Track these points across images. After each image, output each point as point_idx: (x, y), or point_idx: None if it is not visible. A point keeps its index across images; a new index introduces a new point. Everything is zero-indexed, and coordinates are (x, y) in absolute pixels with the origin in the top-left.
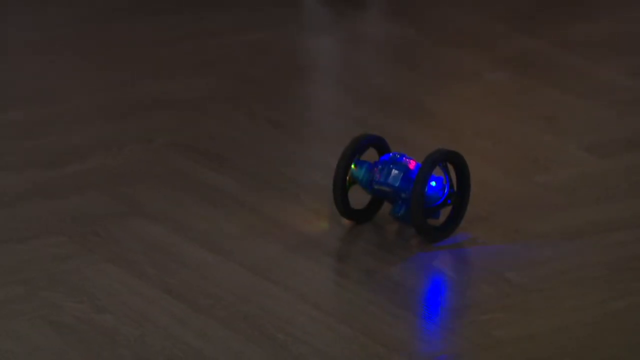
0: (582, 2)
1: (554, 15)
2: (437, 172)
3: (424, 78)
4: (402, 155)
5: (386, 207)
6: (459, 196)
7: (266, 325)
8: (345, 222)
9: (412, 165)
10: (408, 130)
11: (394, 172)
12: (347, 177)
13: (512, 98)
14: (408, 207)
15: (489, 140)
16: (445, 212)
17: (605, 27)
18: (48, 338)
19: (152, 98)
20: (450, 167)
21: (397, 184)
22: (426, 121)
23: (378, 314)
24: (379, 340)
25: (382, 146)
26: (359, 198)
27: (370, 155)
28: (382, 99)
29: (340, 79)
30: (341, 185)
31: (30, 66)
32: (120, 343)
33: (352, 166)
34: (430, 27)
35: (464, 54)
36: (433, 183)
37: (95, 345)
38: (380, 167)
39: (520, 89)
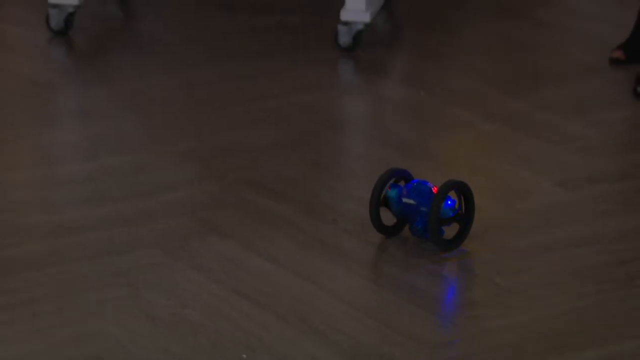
0: (550, 71)
1: (529, 81)
2: (453, 195)
3: (431, 128)
4: (426, 181)
5: (407, 230)
6: (466, 217)
7: (311, 319)
8: (378, 235)
9: (434, 189)
10: (419, 168)
11: (419, 190)
12: (381, 198)
13: (499, 144)
14: (426, 222)
15: (481, 175)
16: (452, 230)
17: (568, 90)
18: (145, 327)
19: (225, 145)
20: (461, 194)
21: (420, 199)
22: (433, 161)
23: (398, 310)
24: (398, 330)
25: (407, 177)
26: (387, 218)
27: None
28: (400, 145)
29: (367, 130)
30: (376, 205)
31: (132, 122)
32: (200, 333)
33: (387, 188)
34: (437, 90)
35: (462, 110)
36: (449, 201)
37: (181, 334)
38: (408, 188)
39: (505, 137)
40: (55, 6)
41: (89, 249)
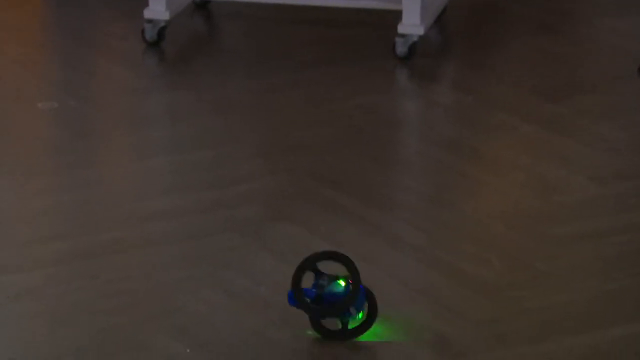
0: (584, 80)
1: (565, 89)
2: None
3: (477, 129)
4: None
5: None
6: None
7: None
8: None
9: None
10: (467, 165)
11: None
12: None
13: (537, 144)
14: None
15: (521, 171)
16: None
17: (600, 97)
18: (223, 302)
19: (295, 142)
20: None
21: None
22: (478, 159)
23: (447, 290)
24: (448, 308)
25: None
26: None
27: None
28: (448, 143)
29: (420, 130)
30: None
31: (213, 122)
32: (271, 308)
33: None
34: (482, 95)
35: (504, 114)
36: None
37: (255, 309)
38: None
39: (543, 138)
40: (149, 21)
41: (174, 234)
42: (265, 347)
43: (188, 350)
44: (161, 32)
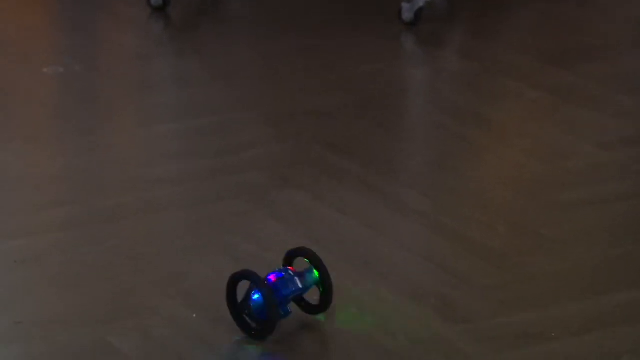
0: (592, 46)
1: (573, 55)
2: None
3: (483, 96)
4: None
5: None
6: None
7: (375, 262)
8: None
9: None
10: (473, 132)
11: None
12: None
13: (545, 110)
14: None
15: (528, 138)
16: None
17: (608, 63)
18: (229, 266)
19: (301, 108)
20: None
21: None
22: (484, 125)
23: (453, 256)
24: (454, 274)
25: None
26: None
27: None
28: (455, 110)
29: (426, 96)
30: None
31: (219, 88)
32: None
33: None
34: (489, 62)
35: (512, 80)
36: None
37: (260, 274)
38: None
39: (551, 104)
40: None
41: (180, 200)
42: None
43: (194, 315)
44: None
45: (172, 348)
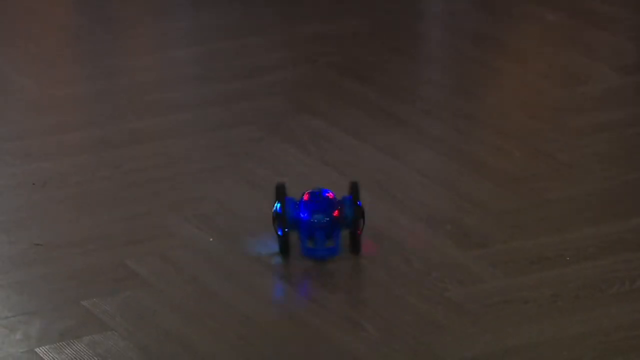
0: None
1: None
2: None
3: (501, 20)
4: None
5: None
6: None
7: (390, 187)
8: None
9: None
10: (489, 56)
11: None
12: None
13: (562, 33)
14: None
15: (544, 62)
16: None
17: None
18: (245, 192)
19: (316, 33)
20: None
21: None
22: (500, 49)
23: (468, 182)
24: (468, 199)
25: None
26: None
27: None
28: (472, 34)
29: (443, 21)
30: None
31: (234, 12)
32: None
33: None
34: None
35: (530, 3)
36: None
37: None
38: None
39: (569, 27)
40: None
41: (196, 124)
42: None
43: (211, 239)
44: None
45: (188, 271)
